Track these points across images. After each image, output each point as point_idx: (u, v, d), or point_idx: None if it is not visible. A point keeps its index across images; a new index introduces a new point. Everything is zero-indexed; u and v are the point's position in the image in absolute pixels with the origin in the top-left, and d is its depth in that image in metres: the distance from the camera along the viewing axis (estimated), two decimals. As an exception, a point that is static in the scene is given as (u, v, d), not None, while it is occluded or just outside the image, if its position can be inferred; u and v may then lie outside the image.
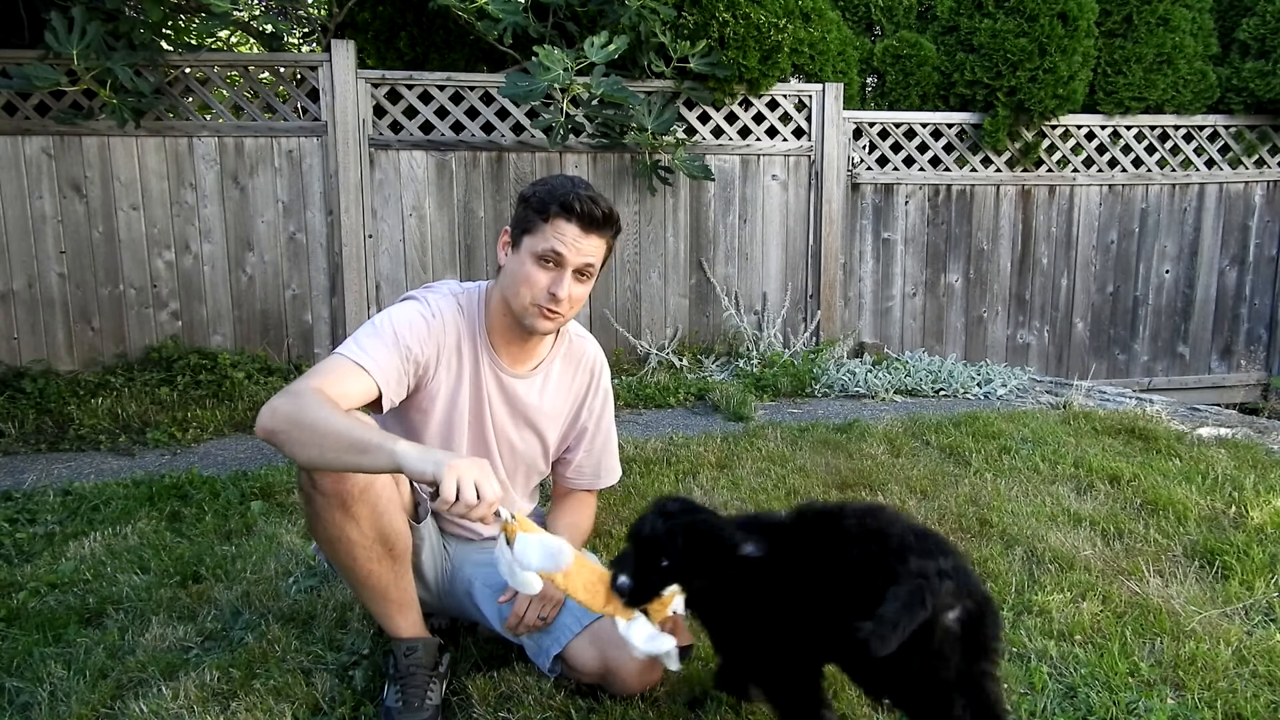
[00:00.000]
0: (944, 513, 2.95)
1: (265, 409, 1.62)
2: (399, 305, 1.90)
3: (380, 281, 5.32)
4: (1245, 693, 1.88)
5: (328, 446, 1.57)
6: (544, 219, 1.83)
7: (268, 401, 1.64)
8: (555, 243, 1.82)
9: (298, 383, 1.68)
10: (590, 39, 4.85)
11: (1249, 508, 2.92)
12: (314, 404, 1.61)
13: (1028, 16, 5.67)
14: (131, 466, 3.79)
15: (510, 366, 1.99)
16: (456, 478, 1.46)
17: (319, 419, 1.58)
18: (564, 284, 1.83)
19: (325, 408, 1.61)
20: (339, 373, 1.73)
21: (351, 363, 1.74)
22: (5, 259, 4.82)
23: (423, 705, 1.81)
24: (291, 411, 1.60)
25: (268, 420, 1.60)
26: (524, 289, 1.84)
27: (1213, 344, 6.61)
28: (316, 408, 1.60)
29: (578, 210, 1.81)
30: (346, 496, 1.72)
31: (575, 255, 1.83)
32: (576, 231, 1.83)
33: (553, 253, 1.82)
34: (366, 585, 1.84)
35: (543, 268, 1.83)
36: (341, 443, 1.56)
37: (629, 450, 3.76)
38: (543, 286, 1.83)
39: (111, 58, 4.50)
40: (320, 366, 1.74)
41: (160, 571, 2.62)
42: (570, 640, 1.86)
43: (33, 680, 2.03)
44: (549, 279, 1.83)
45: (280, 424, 1.59)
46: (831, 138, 5.75)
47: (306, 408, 1.60)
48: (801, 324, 5.90)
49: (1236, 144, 6.36)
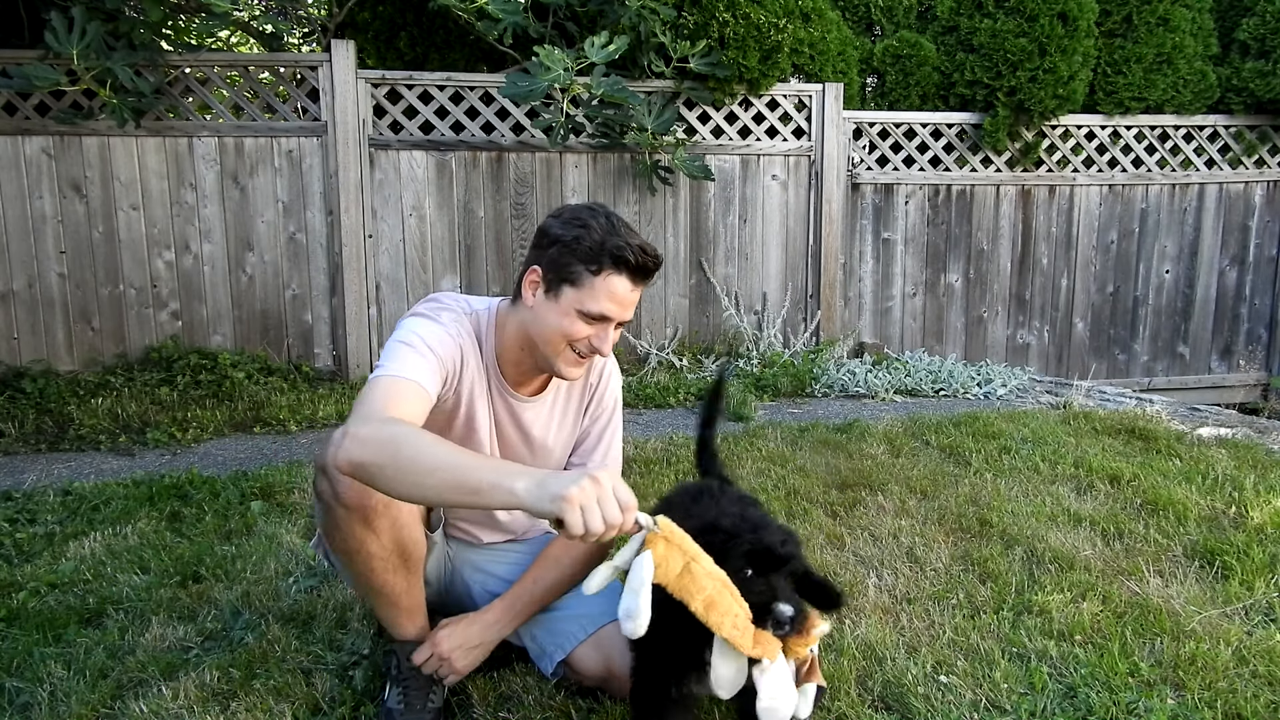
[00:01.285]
0: (944, 513, 2.95)
1: (349, 439, 1.45)
2: (415, 320, 1.77)
3: (380, 281, 5.32)
4: (1245, 693, 1.88)
5: (432, 485, 1.41)
6: (594, 273, 1.70)
7: (346, 430, 1.47)
8: (607, 304, 1.70)
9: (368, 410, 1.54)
10: (590, 39, 4.85)
11: (1249, 508, 2.92)
12: (410, 434, 1.46)
13: (1028, 16, 5.67)
14: (131, 466, 3.79)
15: (518, 391, 1.90)
16: (579, 509, 1.31)
17: (421, 452, 1.42)
18: (608, 341, 1.75)
19: (423, 438, 1.46)
20: (397, 394, 1.59)
21: (403, 380, 1.62)
22: (5, 259, 4.82)
23: (425, 708, 1.80)
24: (385, 442, 1.44)
25: (356, 451, 1.43)
26: (559, 341, 1.74)
27: (1213, 344, 6.61)
28: (415, 438, 1.45)
29: (633, 264, 1.69)
30: (370, 511, 1.65)
31: (622, 313, 1.73)
32: (629, 287, 1.72)
33: (599, 315, 1.71)
34: (380, 594, 1.81)
35: (587, 323, 1.72)
36: (449, 480, 1.40)
37: (629, 450, 3.76)
38: (584, 338, 1.74)
39: (111, 58, 4.50)
40: (374, 392, 1.59)
41: (160, 571, 2.62)
42: (575, 646, 1.86)
43: (33, 680, 2.03)
44: (593, 332, 1.74)
45: (372, 455, 1.43)
46: (831, 138, 5.75)
47: (403, 438, 1.44)
48: (801, 324, 5.90)
49: (1236, 144, 6.36)
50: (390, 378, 1.62)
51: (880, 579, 2.44)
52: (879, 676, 1.96)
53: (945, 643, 2.10)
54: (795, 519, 2.92)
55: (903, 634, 2.15)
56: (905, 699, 1.87)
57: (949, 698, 1.88)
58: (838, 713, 1.83)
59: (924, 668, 1.99)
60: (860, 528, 2.83)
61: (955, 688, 1.91)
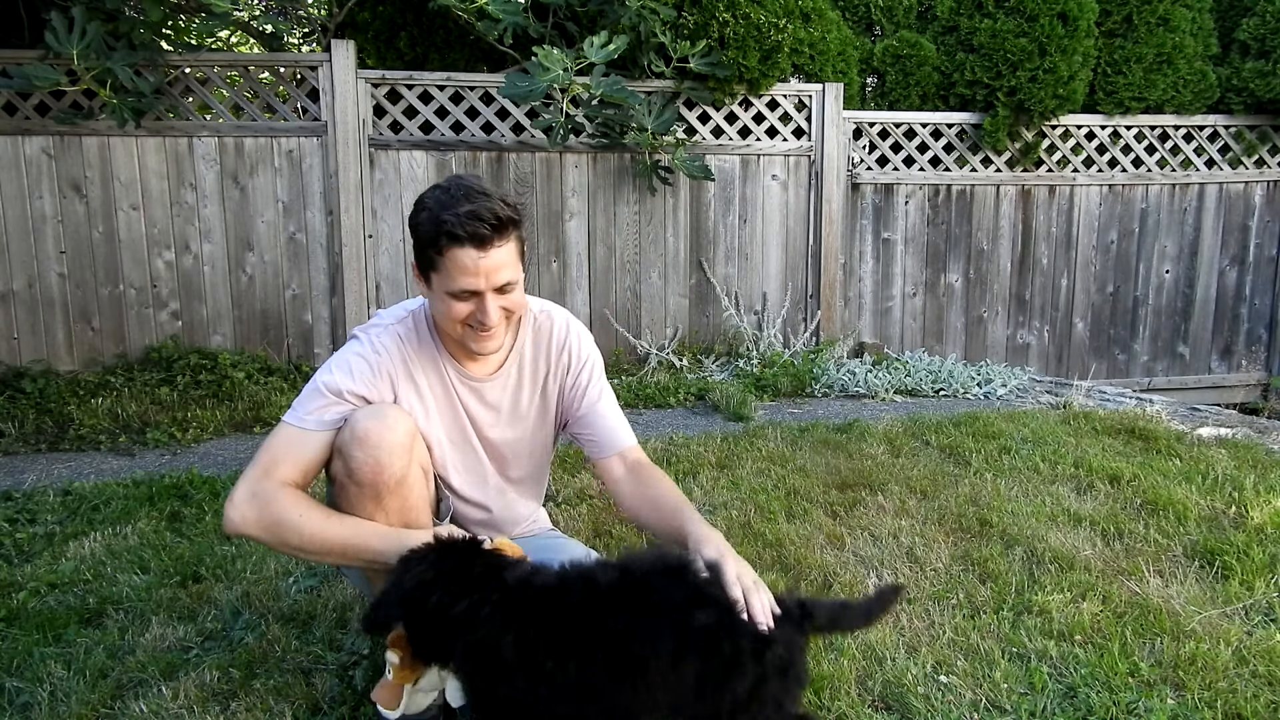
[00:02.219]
0: (944, 513, 2.95)
1: (235, 511, 1.63)
2: (341, 352, 1.84)
3: (380, 281, 5.32)
4: (1245, 693, 1.88)
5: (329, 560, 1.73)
6: (439, 253, 1.68)
7: (233, 498, 1.64)
8: (461, 279, 1.68)
9: (259, 471, 1.67)
10: (590, 39, 4.85)
11: (1249, 508, 2.92)
12: (290, 518, 1.65)
13: (1028, 16, 5.67)
14: (131, 466, 3.79)
15: (477, 371, 1.92)
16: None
17: (305, 538, 1.65)
18: (489, 309, 1.72)
19: (304, 524, 1.65)
20: (293, 446, 1.72)
21: (299, 430, 1.73)
22: (5, 259, 4.82)
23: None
24: (268, 525, 1.64)
25: (241, 526, 1.64)
26: (451, 324, 1.77)
27: (1213, 344, 6.61)
28: (295, 523, 1.65)
29: (463, 235, 1.65)
30: (382, 488, 1.70)
31: (486, 281, 1.69)
32: (474, 255, 1.66)
33: (463, 292, 1.70)
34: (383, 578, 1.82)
35: (461, 300, 1.72)
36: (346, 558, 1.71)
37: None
38: (468, 315, 1.74)
39: (111, 58, 4.50)
40: (272, 443, 1.72)
41: (160, 571, 2.62)
42: None
43: (33, 680, 2.03)
44: (470, 308, 1.73)
45: (256, 533, 1.65)
46: (831, 138, 5.75)
47: (285, 525, 1.64)
48: (801, 324, 5.90)
49: (1236, 144, 6.36)
50: (288, 428, 1.74)
51: (880, 579, 2.44)
52: (879, 676, 1.96)
53: (945, 643, 2.10)
54: (795, 519, 2.92)
55: (903, 634, 2.15)
56: (905, 699, 1.88)
57: (949, 698, 1.88)
58: (838, 712, 1.83)
59: (924, 668, 1.99)
60: (860, 528, 2.83)
61: (955, 688, 1.91)
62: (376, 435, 1.69)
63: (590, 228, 5.57)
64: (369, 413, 1.73)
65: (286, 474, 1.68)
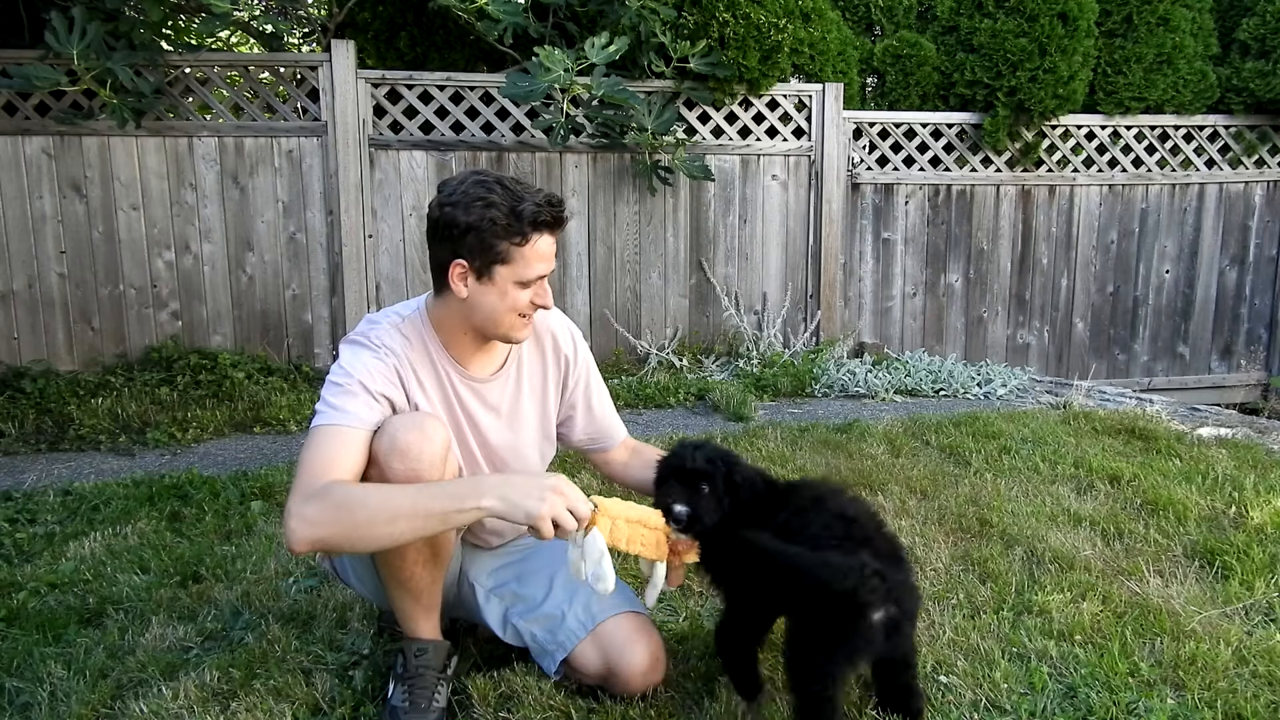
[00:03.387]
0: (944, 513, 2.95)
1: (296, 521, 1.55)
2: (347, 354, 1.80)
3: (380, 281, 5.32)
4: (1245, 693, 1.88)
5: (401, 530, 1.58)
6: (519, 243, 1.73)
7: (291, 511, 1.57)
8: (538, 265, 1.76)
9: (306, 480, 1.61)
10: (591, 39, 4.85)
11: (1249, 508, 2.92)
12: (354, 494, 1.59)
13: (1028, 16, 5.67)
14: (131, 466, 3.79)
15: (479, 374, 1.92)
16: (550, 520, 1.58)
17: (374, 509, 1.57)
18: (548, 292, 1.82)
19: (369, 494, 1.60)
20: (338, 446, 1.67)
21: (340, 429, 1.69)
22: (5, 259, 4.82)
23: (430, 707, 1.81)
24: (335, 512, 1.56)
25: (310, 533, 1.55)
26: (509, 316, 1.79)
27: (1213, 344, 6.61)
28: (361, 497, 1.59)
29: (550, 221, 1.75)
30: None
31: (550, 265, 1.81)
32: (550, 241, 1.78)
33: (537, 278, 1.77)
34: (404, 585, 1.81)
35: (528, 288, 1.78)
36: (415, 519, 1.58)
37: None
38: (527, 303, 1.79)
39: (111, 58, 4.50)
40: (314, 447, 1.67)
41: (160, 571, 2.62)
42: (576, 644, 1.86)
43: (33, 680, 2.03)
44: (531, 294, 1.79)
45: (328, 531, 1.56)
46: (831, 138, 5.75)
47: (352, 502, 1.58)
48: (801, 324, 5.90)
49: (1236, 144, 6.36)
50: (327, 429, 1.69)
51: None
52: (879, 676, 1.96)
53: (945, 643, 2.10)
54: (795, 519, 2.92)
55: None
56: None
57: (949, 698, 1.88)
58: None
59: (924, 668, 1.98)
60: (860, 528, 2.82)
61: (955, 688, 1.91)
62: (417, 449, 1.68)
63: (590, 228, 5.57)
64: (408, 424, 1.72)
65: (336, 473, 1.64)
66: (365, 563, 1.89)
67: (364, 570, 1.94)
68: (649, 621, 1.93)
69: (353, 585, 2.05)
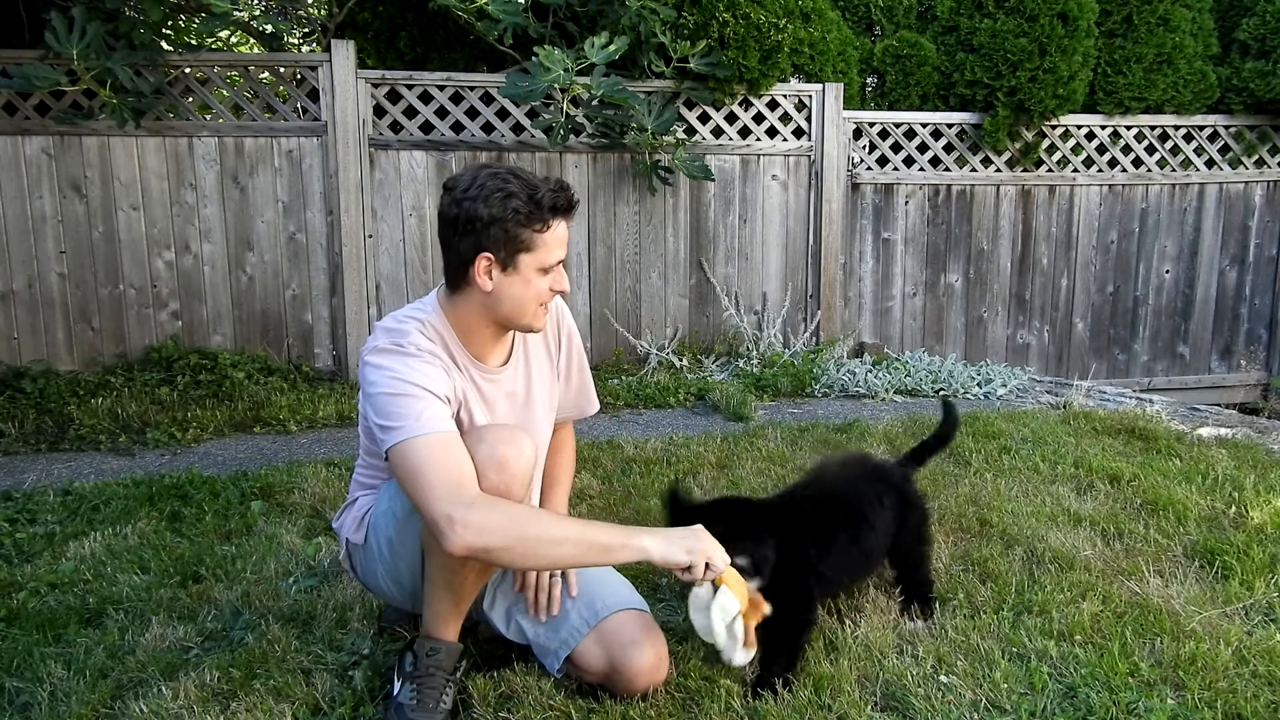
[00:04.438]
0: (944, 513, 2.95)
1: (463, 528, 1.56)
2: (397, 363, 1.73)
3: (380, 281, 5.32)
4: (1245, 693, 1.88)
5: (563, 554, 1.67)
6: (541, 230, 1.78)
7: (454, 518, 1.57)
8: (557, 250, 1.82)
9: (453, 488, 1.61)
10: (590, 39, 4.85)
11: (1249, 508, 2.92)
12: (525, 512, 1.69)
13: (1028, 16, 5.67)
14: (131, 466, 3.79)
15: (492, 364, 1.95)
16: (705, 558, 1.69)
17: (545, 529, 1.66)
18: (564, 277, 1.87)
19: (539, 515, 1.75)
20: (454, 453, 1.66)
21: (440, 435, 1.67)
22: (5, 259, 4.82)
23: (437, 707, 1.80)
24: (506, 524, 1.61)
25: (479, 540, 1.57)
26: (532, 304, 1.83)
27: (1213, 344, 6.61)
28: (532, 515, 1.70)
29: (564, 206, 1.80)
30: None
31: (565, 250, 1.86)
32: (565, 227, 1.84)
33: (556, 263, 1.83)
34: (448, 585, 1.80)
35: (548, 274, 1.83)
36: (579, 547, 1.66)
37: (629, 450, 3.76)
38: (546, 290, 1.84)
39: (111, 58, 4.50)
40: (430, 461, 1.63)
41: (160, 571, 2.62)
42: (579, 642, 1.86)
43: (33, 680, 2.03)
44: (550, 280, 1.84)
45: (498, 540, 1.60)
46: (831, 138, 5.75)
47: (523, 518, 1.65)
48: (801, 324, 5.91)
49: (1236, 144, 6.36)
50: (429, 436, 1.66)
51: (880, 578, 2.44)
52: (879, 676, 1.96)
53: (945, 643, 2.10)
54: (795, 519, 2.92)
55: (903, 634, 2.15)
56: (905, 699, 1.88)
57: (949, 698, 1.88)
58: (839, 712, 1.83)
59: (924, 668, 1.99)
60: (860, 528, 2.82)
61: (955, 688, 1.91)
62: (514, 463, 1.71)
63: (590, 228, 5.58)
64: (504, 437, 1.74)
65: (474, 484, 1.65)
66: (408, 562, 1.87)
67: (404, 570, 1.90)
68: (653, 620, 1.93)
69: (379, 587, 2.01)
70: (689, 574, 1.69)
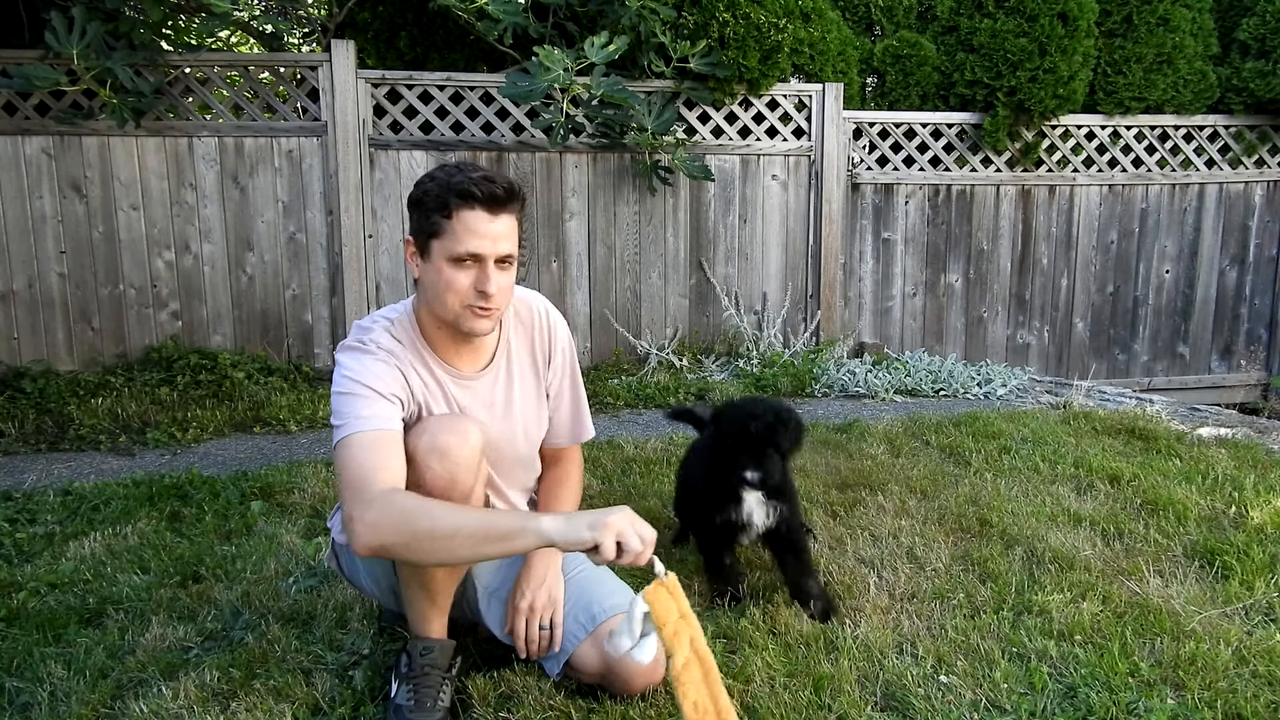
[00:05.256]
0: (944, 513, 2.95)
1: (359, 525, 1.55)
2: (352, 361, 1.76)
3: (380, 281, 5.32)
4: (1245, 693, 1.88)
5: (459, 546, 1.56)
6: (446, 216, 1.70)
7: (353, 517, 1.56)
8: (468, 241, 1.70)
9: (357, 486, 1.59)
10: (590, 39, 4.85)
11: (1249, 508, 2.92)
12: (417, 505, 1.58)
13: (1028, 16, 5.67)
14: (131, 466, 3.79)
15: (466, 369, 1.89)
16: (615, 535, 1.53)
17: (436, 521, 1.56)
18: (490, 279, 1.72)
19: (432, 506, 1.59)
20: (378, 450, 1.65)
21: (372, 433, 1.67)
22: (5, 259, 4.82)
23: (435, 706, 1.80)
24: (396, 519, 1.55)
25: (372, 537, 1.54)
26: (449, 296, 1.73)
27: (1213, 344, 6.61)
28: (424, 508, 1.58)
29: (478, 195, 1.69)
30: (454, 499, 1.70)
31: (491, 246, 1.72)
32: (485, 218, 1.71)
33: (468, 254, 1.71)
34: (424, 586, 1.81)
35: (462, 269, 1.72)
36: (474, 536, 1.56)
37: (629, 450, 3.76)
38: (468, 288, 1.73)
39: (111, 58, 4.50)
40: (353, 456, 1.64)
41: (160, 571, 2.62)
42: (577, 645, 1.87)
43: (33, 680, 2.03)
44: (472, 278, 1.73)
45: (390, 536, 1.55)
46: (831, 138, 5.75)
47: (413, 511, 1.57)
48: (801, 324, 5.91)
49: (1236, 144, 6.36)
50: (359, 434, 1.66)
51: (880, 579, 2.44)
52: (879, 676, 1.96)
53: (945, 643, 2.10)
54: (795, 519, 2.92)
55: (903, 634, 2.15)
56: (905, 699, 1.88)
57: (949, 698, 1.88)
58: (838, 712, 1.83)
59: (924, 668, 1.99)
60: (860, 528, 2.83)
61: (955, 688, 1.91)
62: (456, 451, 1.69)
63: (590, 228, 5.58)
64: (447, 426, 1.73)
65: (386, 480, 1.62)
66: (382, 562, 1.88)
67: (380, 570, 1.93)
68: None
69: (362, 585, 2.04)
70: (599, 555, 1.53)
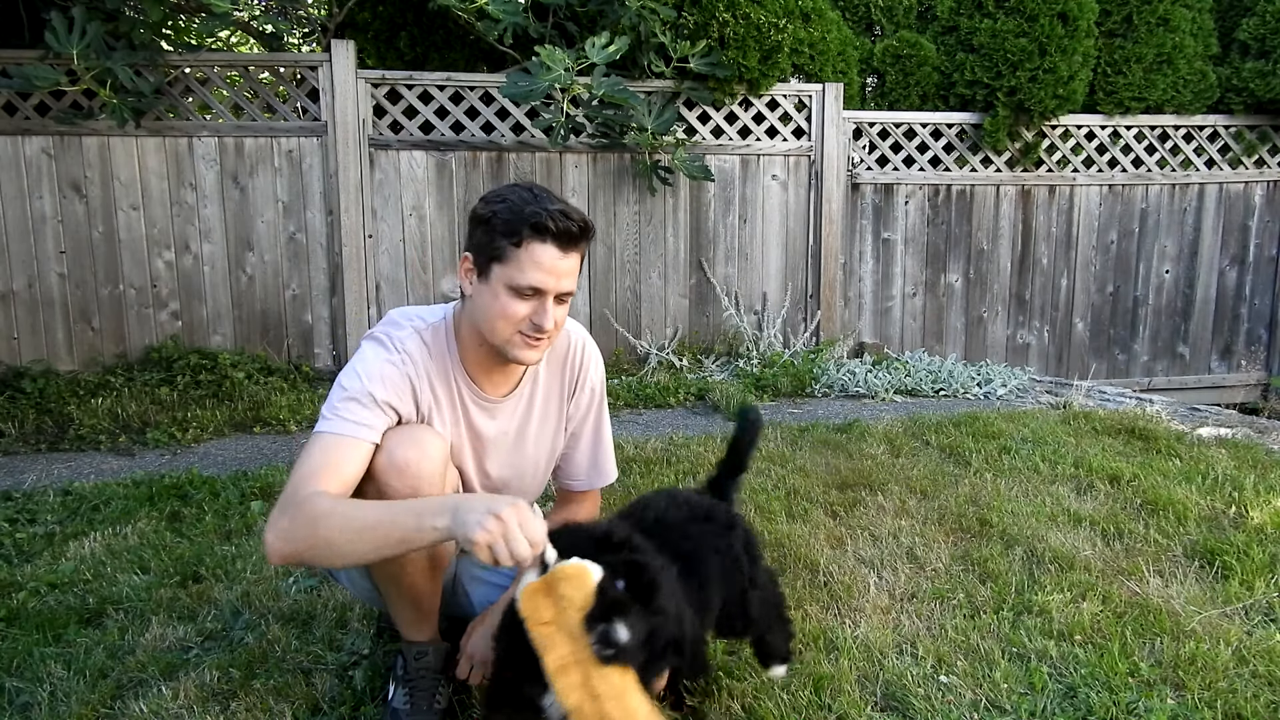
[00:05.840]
0: (944, 513, 2.95)
1: (271, 534, 1.50)
2: (365, 353, 1.73)
3: (380, 281, 5.32)
4: (1245, 693, 1.88)
5: (365, 547, 1.49)
6: (515, 244, 1.63)
7: (269, 522, 1.51)
8: (534, 275, 1.63)
9: (292, 488, 1.54)
10: (591, 39, 4.85)
11: (1249, 508, 2.92)
12: (327, 509, 1.50)
13: (1028, 16, 5.67)
14: (131, 466, 3.79)
15: (492, 393, 1.85)
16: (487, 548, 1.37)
17: (341, 524, 1.48)
18: (548, 314, 1.67)
19: (341, 508, 1.51)
20: (333, 455, 1.60)
21: (341, 438, 1.62)
22: (5, 259, 4.82)
23: (431, 708, 1.81)
24: (303, 527, 1.49)
25: (281, 546, 1.49)
26: (501, 324, 1.67)
27: (1213, 344, 6.61)
28: (333, 510, 1.50)
29: (553, 230, 1.63)
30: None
31: (556, 283, 1.66)
32: (555, 254, 1.64)
33: (531, 288, 1.64)
34: (403, 594, 1.80)
35: (521, 299, 1.66)
36: (378, 537, 1.48)
37: (629, 450, 3.76)
38: (523, 318, 1.67)
39: (111, 58, 4.50)
40: (310, 454, 1.60)
41: (160, 571, 2.62)
42: None
43: (33, 680, 2.03)
44: (530, 309, 1.67)
45: (297, 545, 1.49)
46: (831, 138, 5.75)
47: (321, 515, 1.49)
48: (801, 324, 5.90)
49: (1236, 144, 6.36)
50: (327, 436, 1.63)
51: (880, 579, 2.44)
52: (879, 676, 1.96)
53: (945, 643, 2.10)
54: (795, 519, 2.92)
55: (903, 634, 2.15)
56: (905, 699, 1.88)
57: (949, 698, 1.88)
58: (838, 712, 1.83)
59: (924, 668, 1.99)
60: (860, 528, 2.83)
61: (955, 688, 1.91)
62: (416, 465, 1.64)
63: (590, 228, 5.57)
64: (406, 439, 1.67)
65: (323, 483, 1.56)
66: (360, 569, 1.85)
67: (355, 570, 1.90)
68: None
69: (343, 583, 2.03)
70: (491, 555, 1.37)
